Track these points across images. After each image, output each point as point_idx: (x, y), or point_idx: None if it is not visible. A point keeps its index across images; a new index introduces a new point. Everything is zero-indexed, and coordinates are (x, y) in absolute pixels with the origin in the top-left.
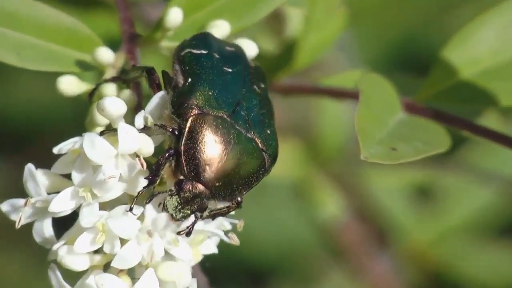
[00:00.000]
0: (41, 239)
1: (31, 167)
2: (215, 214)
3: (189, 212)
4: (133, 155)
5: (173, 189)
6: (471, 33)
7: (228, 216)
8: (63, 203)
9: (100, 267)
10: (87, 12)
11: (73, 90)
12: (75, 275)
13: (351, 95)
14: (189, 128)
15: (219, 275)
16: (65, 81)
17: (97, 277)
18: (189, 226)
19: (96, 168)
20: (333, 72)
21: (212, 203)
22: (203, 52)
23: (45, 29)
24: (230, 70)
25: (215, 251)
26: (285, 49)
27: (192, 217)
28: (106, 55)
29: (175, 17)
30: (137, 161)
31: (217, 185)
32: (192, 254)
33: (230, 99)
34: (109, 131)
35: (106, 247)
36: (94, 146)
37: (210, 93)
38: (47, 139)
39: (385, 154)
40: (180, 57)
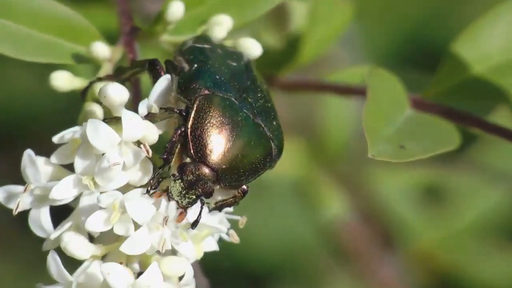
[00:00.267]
0: (37, 227)
1: (30, 153)
2: (222, 205)
3: (194, 197)
4: (136, 143)
5: (176, 174)
6: (481, 28)
7: (230, 213)
8: (64, 191)
9: (99, 258)
10: (85, 3)
11: (67, 86)
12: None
13: (357, 92)
14: (197, 108)
15: (219, 276)
16: (58, 77)
17: (102, 266)
18: (197, 212)
19: (99, 157)
20: (338, 68)
21: (217, 191)
22: (206, 46)
23: (40, 19)
24: (234, 63)
25: (216, 248)
26: (289, 44)
27: (198, 206)
28: (101, 50)
29: (176, 10)
30: (142, 148)
31: (223, 167)
32: (195, 251)
33: (237, 85)
34: (112, 118)
35: (118, 228)
36: (98, 132)
37: (217, 77)
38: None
39: (393, 152)
40: (183, 50)
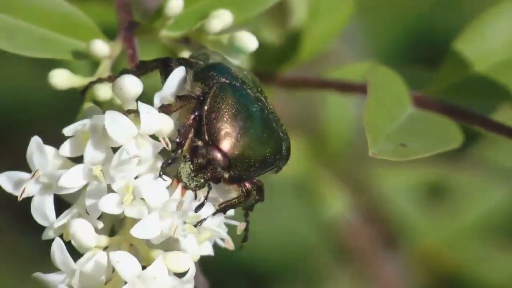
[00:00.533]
0: (40, 215)
1: (38, 140)
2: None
3: (202, 180)
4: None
5: (187, 155)
6: (485, 24)
7: (227, 217)
8: (74, 179)
9: (101, 248)
10: None
11: (65, 84)
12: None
13: (359, 89)
14: (214, 92)
15: (219, 276)
16: (57, 75)
17: (112, 254)
18: (203, 197)
19: (109, 149)
20: (339, 65)
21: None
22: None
23: (39, 14)
24: (249, 76)
25: (211, 253)
26: (289, 40)
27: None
28: (101, 48)
29: (175, 5)
30: (161, 141)
31: (235, 153)
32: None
33: (251, 86)
34: (125, 112)
35: (130, 211)
36: (117, 124)
37: (233, 72)
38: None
39: (394, 150)
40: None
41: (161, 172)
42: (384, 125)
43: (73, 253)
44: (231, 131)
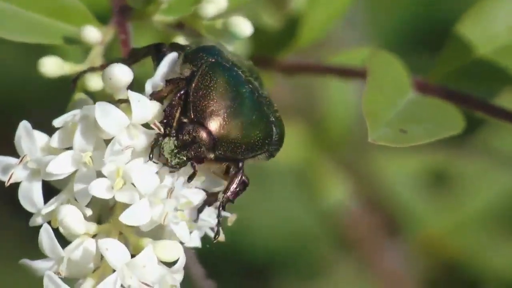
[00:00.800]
0: (27, 202)
1: (26, 124)
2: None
3: (184, 158)
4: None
5: (173, 131)
6: (487, 8)
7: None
8: (62, 165)
9: (90, 236)
10: None
11: (56, 72)
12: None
13: (359, 74)
14: (202, 71)
15: (218, 264)
16: (47, 63)
17: (100, 241)
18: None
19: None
20: (341, 50)
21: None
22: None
23: None
24: (245, 61)
25: (199, 245)
26: (289, 24)
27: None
28: (92, 34)
29: None
30: (153, 126)
31: (221, 133)
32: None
33: (244, 69)
34: (116, 101)
35: (120, 196)
36: (108, 115)
37: (225, 54)
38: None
39: (394, 136)
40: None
41: (151, 155)
42: (383, 111)
43: (61, 240)
44: (218, 109)
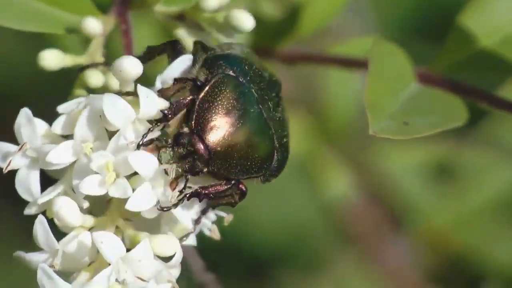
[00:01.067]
0: (24, 190)
1: (27, 111)
2: (216, 195)
3: (180, 170)
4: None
5: (170, 141)
6: None
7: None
8: (62, 155)
9: (86, 228)
10: None
11: (57, 64)
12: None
13: (362, 64)
14: (214, 82)
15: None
16: (47, 56)
17: (95, 234)
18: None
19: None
20: (343, 40)
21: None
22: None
23: None
24: (265, 74)
25: (194, 243)
26: (290, 12)
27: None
28: (93, 25)
29: None
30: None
31: (218, 149)
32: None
33: (262, 86)
34: (124, 93)
35: (114, 191)
36: (116, 108)
37: (245, 67)
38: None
39: (396, 128)
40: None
41: (141, 143)
42: (385, 102)
43: (57, 232)
44: (220, 125)
